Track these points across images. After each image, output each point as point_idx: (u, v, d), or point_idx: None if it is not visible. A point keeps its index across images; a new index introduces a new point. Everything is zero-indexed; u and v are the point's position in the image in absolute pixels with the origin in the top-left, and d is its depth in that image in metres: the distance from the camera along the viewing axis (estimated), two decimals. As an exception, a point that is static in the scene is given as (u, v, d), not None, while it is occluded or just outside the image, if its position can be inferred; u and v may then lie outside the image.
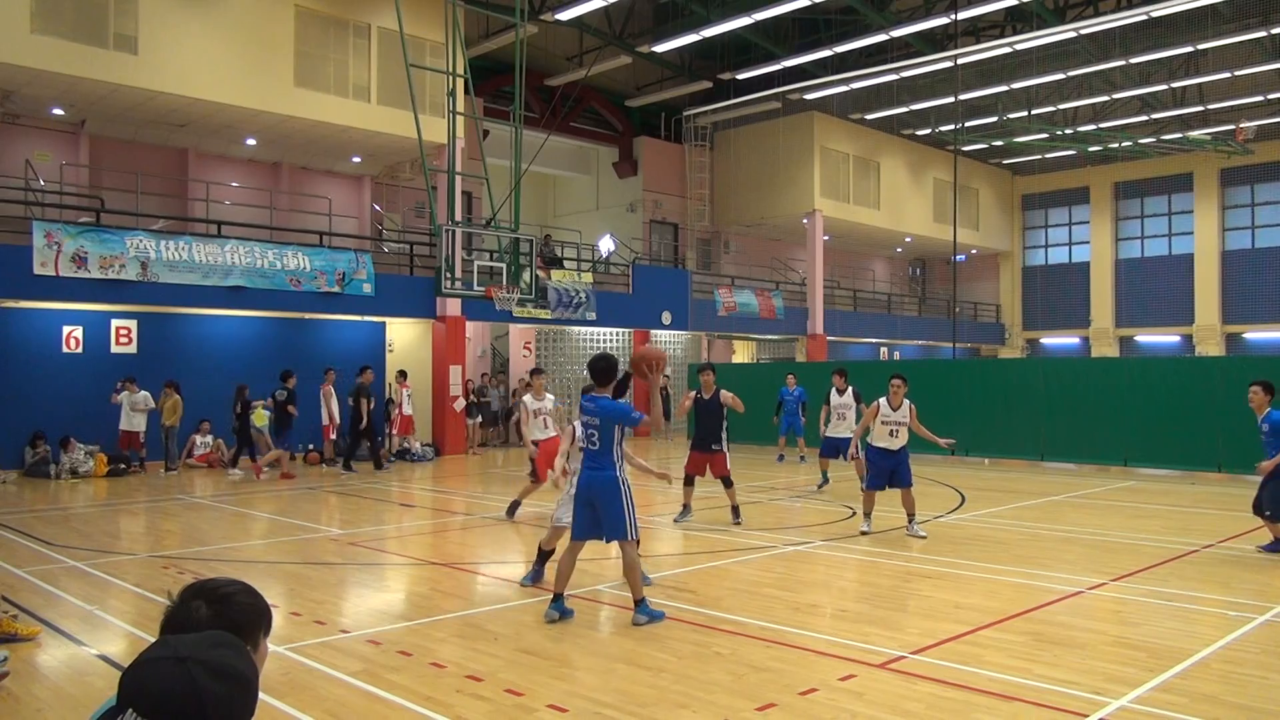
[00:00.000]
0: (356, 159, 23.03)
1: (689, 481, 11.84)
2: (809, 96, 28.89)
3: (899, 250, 39.83)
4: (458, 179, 18.34)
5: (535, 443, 11.59)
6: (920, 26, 24.02)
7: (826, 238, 32.60)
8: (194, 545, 10.44)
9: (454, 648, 6.37)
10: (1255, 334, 35.32)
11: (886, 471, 10.76)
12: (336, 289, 20.06)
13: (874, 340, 36.68)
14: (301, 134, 20.64)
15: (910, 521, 10.74)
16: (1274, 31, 23.54)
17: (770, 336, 32.91)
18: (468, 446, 22.56)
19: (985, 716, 5.01)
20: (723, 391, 11.76)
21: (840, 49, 25.54)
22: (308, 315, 20.46)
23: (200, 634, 1.82)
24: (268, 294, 19.15)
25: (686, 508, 11.81)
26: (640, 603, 6.93)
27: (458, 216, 18.86)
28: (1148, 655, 6.09)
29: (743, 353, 34.80)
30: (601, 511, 7.01)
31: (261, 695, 5.66)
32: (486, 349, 26.74)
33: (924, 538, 10.49)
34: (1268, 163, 34.00)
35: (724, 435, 11.81)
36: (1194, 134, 31.59)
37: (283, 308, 19.66)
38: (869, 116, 31.71)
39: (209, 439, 18.95)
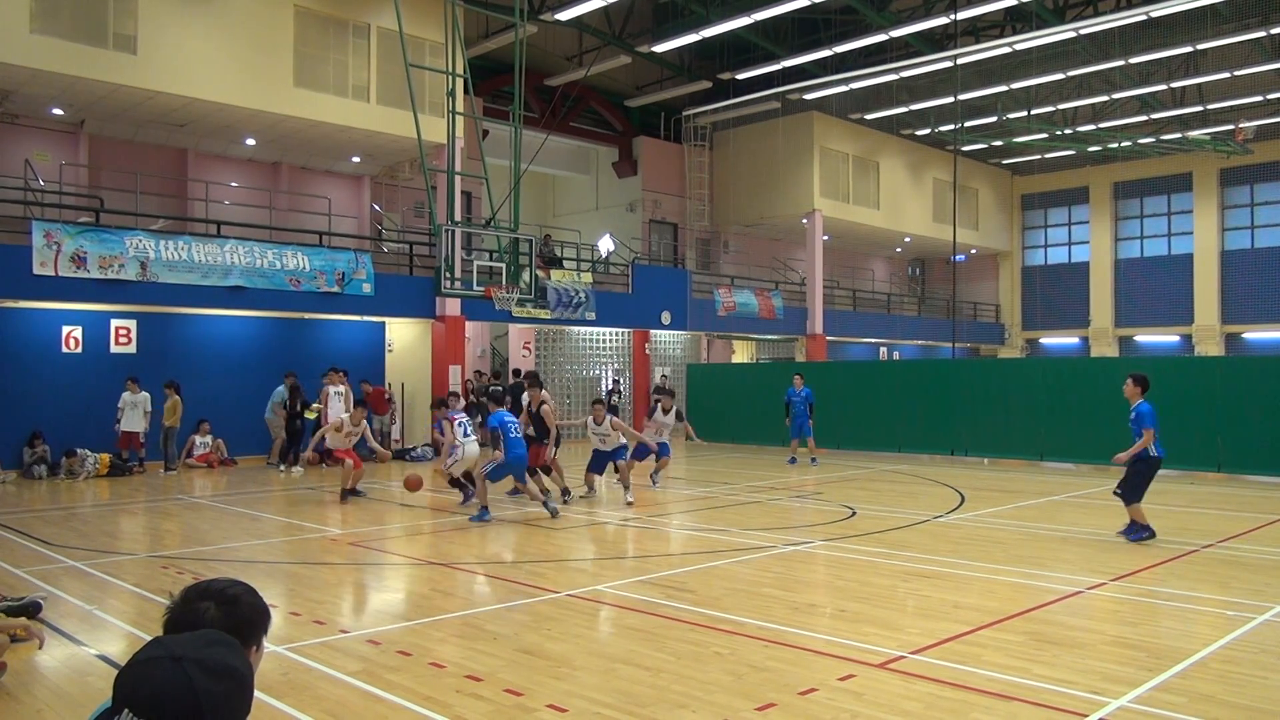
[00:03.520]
0: (356, 159, 23.04)
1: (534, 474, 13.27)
2: (808, 96, 28.90)
3: (898, 250, 39.84)
4: (457, 179, 18.33)
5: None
6: (920, 26, 24.03)
7: (826, 237, 32.60)
8: (194, 545, 10.44)
9: (453, 648, 6.37)
10: (1254, 334, 35.33)
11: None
12: (336, 289, 20.06)
13: (874, 340, 36.70)
14: (301, 134, 20.64)
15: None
16: (1273, 31, 23.55)
17: (770, 336, 32.92)
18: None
19: (983, 716, 5.02)
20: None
21: (840, 49, 25.55)
22: (307, 315, 20.46)
23: (195, 633, 1.82)
24: (267, 294, 19.16)
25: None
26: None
27: (457, 216, 18.85)
28: (1146, 655, 6.10)
29: (742, 353, 34.81)
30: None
31: (260, 695, 5.62)
32: (486, 349, 26.75)
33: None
34: (1267, 162, 34.01)
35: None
36: (1193, 134, 31.60)
37: (282, 308, 19.66)
38: (868, 116, 31.72)
39: (209, 439, 18.96)
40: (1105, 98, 29.79)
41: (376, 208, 24.65)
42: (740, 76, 27.77)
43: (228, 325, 19.81)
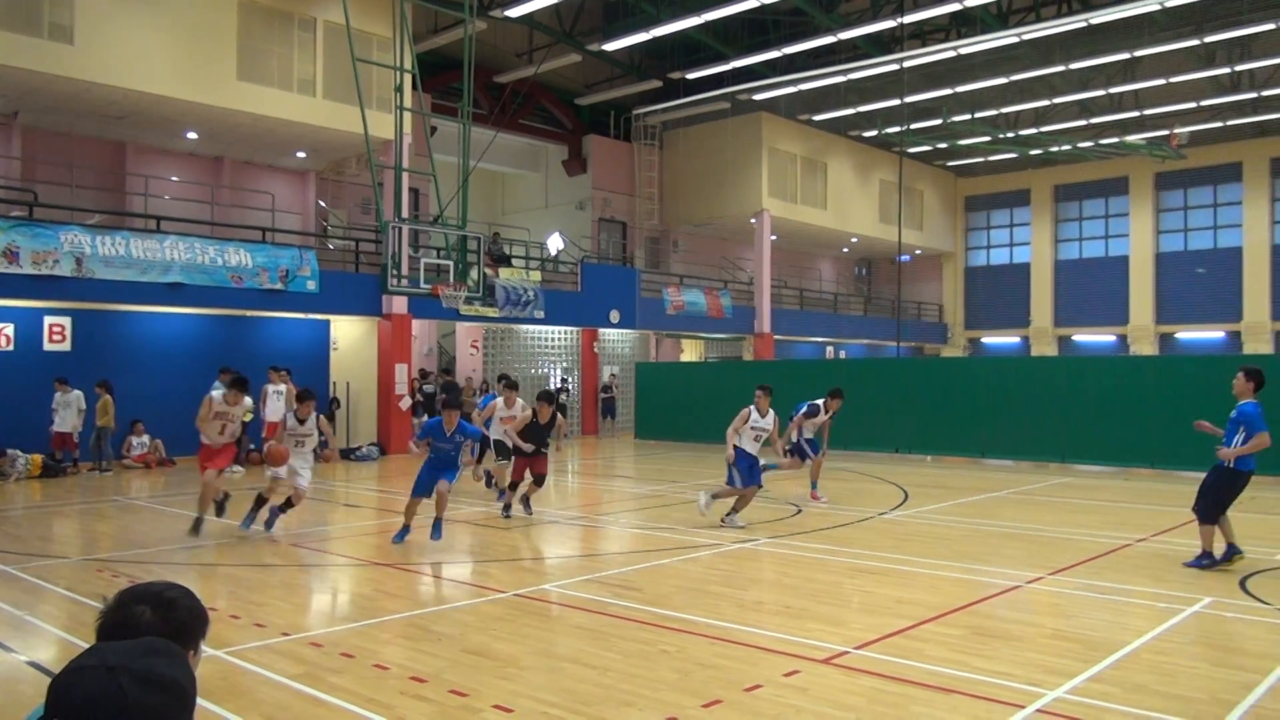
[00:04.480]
0: (301, 154, 22.68)
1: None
2: (758, 97, 29.10)
3: (845, 250, 40.29)
4: (405, 175, 18.17)
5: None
6: (867, 29, 24.33)
7: (774, 237, 32.86)
8: (130, 548, 10.20)
9: (398, 649, 6.31)
10: (1187, 334, 36.34)
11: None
12: (280, 286, 19.73)
13: (820, 340, 37.08)
14: (244, 128, 20.26)
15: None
16: (1206, 40, 24.23)
17: (718, 335, 33.09)
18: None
19: (924, 709, 5.10)
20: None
21: (789, 50, 25.77)
22: (250, 313, 20.10)
23: (133, 641, 1.77)
24: (208, 291, 18.78)
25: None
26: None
27: (404, 213, 18.67)
28: (1082, 647, 6.25)
29: (691, 351, 34.95)
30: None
31: (199, 700, 5.56)
32: (433, 347, 26.52)
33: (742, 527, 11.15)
34: (1200, 167, 35.01)
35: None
36: (1130, 138, 32.38)
37: (224, 305, 19.29)
38: (817, 118, 32.03)
39: (145, 439, 18.54)
40: (1046, 102, 30.43)
41: (322, 204, 24.30)
42: (690, 76, 27.87)
43: (167, 323, 19.38)
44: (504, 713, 5.06)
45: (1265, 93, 28.49)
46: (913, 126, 31.74)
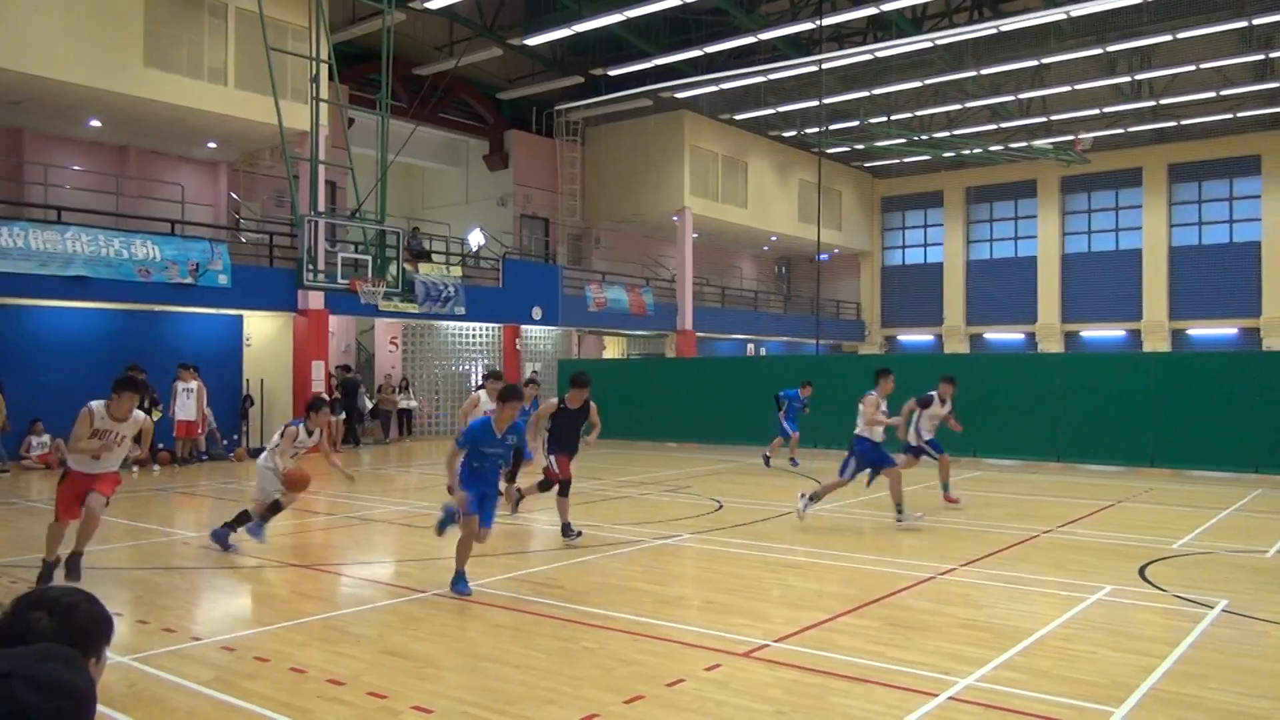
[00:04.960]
0: (212, 144, 22.00)
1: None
2: (679, 95, 29.26)
3: (765, 249, 40.80)
4: (321, 168, 17.79)
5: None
6: (786, 30, 24.67)
7: (695, 235, 33.10)
8: (29, 552, 9.77)
9: (315, 651, 6.18)
10: (1091, 333, 37.74)
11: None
12: (189, 280, 19.13)
13: (741, 336, 37.49)
14: (152, 116, 19.57)
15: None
16: (1108, 49, 25.17)
17: (640, 332, 33.19)
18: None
19: (841, 699, 5.20)
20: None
21: (710, 49, 25.97)
22: (158, 308, 19.43)
23: (28, 647, 1.71)
24: (113, 284, 18.09)
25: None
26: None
27: (320, 207, 18.28)
28: (992, 635, 6.45)
29: (613, 348, 34.99)
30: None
31: (104, 709, 5.34)
32: (351, 344, 26.03)
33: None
34: (1103, 172, 36.40)
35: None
36: (1038, 143, 33.51)
37: (130, 299, 18.60)
38: (738, 117, 32.35)
39: (45, 438, 17.78)
40: (959, 106, 31.29)
41: (234, 196, 23.62)
42: (612, 73, 27.87)
43: (70, 317, 18.61)
44: (423, 713, 5.00)
45: (1163, 101, 29.75)
46: (831, 127, 32.30)
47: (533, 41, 25.23)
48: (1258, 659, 6.11)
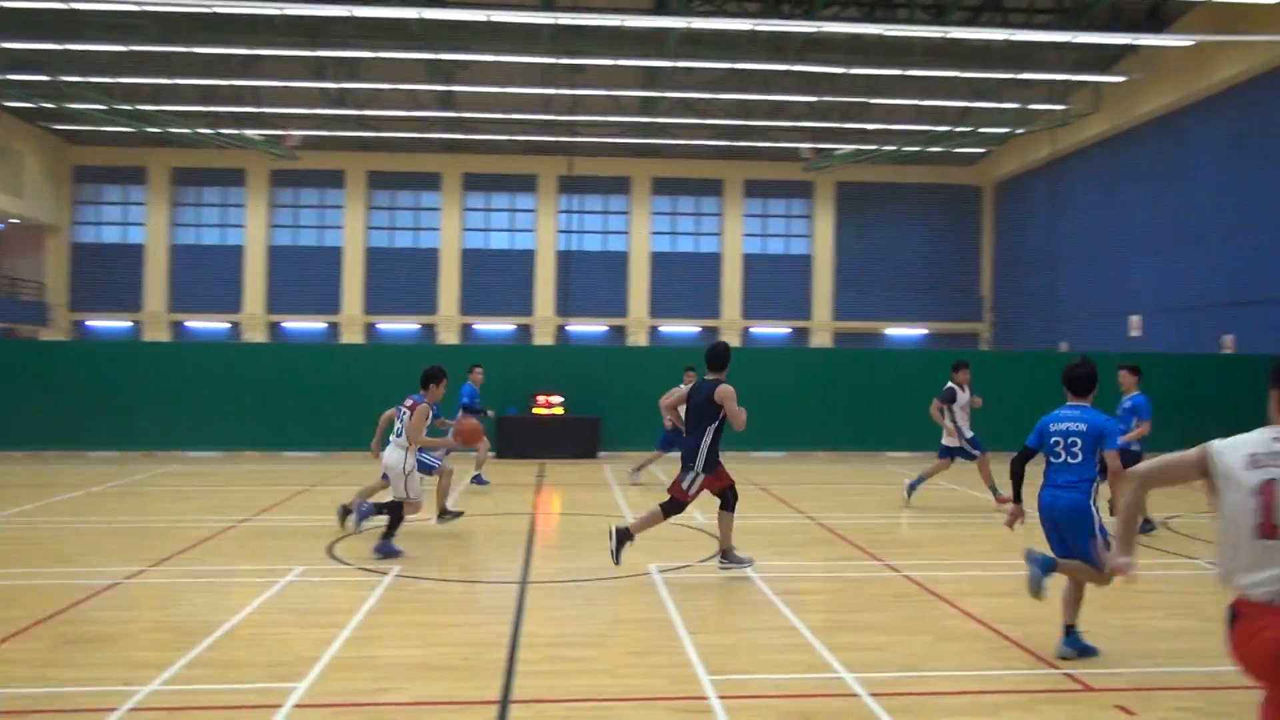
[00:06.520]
0: None
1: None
2: None
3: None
4: None
5: None
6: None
7: None
8: None
9: None
10: (292, 324, 39.11)
11: None
12: None
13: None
14: None
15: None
16: (319, 54, 26.28)
17: None
18: None
19: (-3, 738, 4.53)
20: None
21: None
22: None
23: None
24: None
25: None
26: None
27: None
28: (179, 635, 6.26)
29: None
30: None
31: None
32: None
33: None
34: (310, 170, 38.12)
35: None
36: (249, 133, 33.52)
37: None
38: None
39: None
40: (168, 81, 29.57)
41: None
42: None
43: None
44: None
45: (366, 112, 32.28)
46: (12, 77, 27.82)
47: None
48: (419, 614, 6.99)
